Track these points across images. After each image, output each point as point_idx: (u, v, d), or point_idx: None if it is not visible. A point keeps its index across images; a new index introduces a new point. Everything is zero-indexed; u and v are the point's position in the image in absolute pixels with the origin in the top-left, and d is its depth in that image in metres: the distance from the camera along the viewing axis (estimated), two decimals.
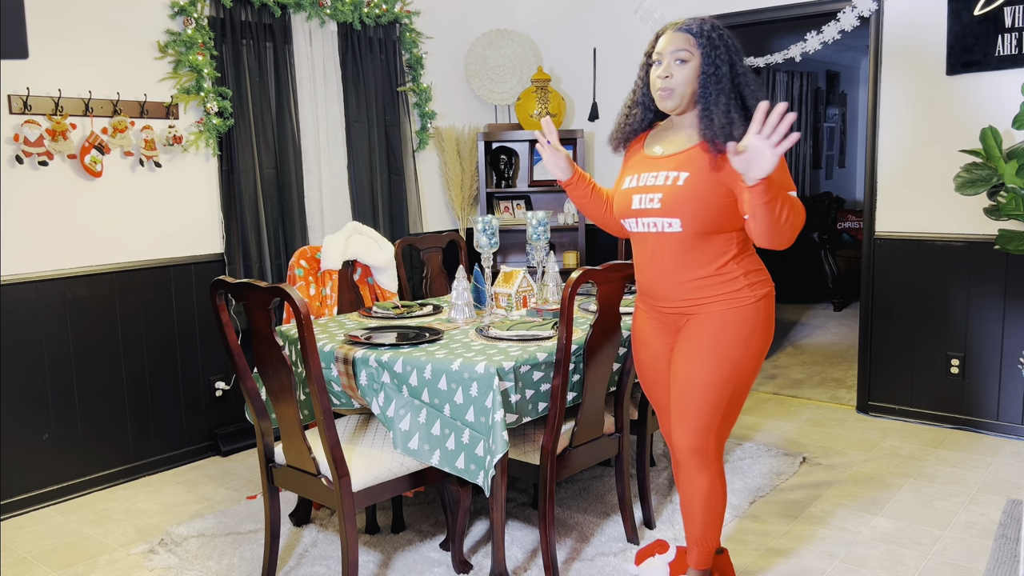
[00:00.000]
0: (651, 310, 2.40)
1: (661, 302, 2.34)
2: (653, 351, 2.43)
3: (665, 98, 2.23)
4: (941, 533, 3.04)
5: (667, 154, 2.28)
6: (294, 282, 3.46)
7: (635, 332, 2.51)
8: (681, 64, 2.19)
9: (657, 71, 2.23)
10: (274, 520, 2.73)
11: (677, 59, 2.19)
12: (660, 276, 2.29)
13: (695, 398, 2.27)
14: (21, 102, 3.32)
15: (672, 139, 2.31)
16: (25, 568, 2.96)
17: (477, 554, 2.93)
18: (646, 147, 2.37)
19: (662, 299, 2.33)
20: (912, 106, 4.17)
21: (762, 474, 3.60)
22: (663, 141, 2.33)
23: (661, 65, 2.22)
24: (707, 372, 2.25)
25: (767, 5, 4.55)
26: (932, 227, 4.18)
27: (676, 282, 2.27)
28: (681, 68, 2.19)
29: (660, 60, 2.23)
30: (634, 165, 2.36)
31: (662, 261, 2.27)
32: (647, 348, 2.45)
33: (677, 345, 2.34)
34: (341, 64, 4.43)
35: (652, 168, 2.28)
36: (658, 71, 2.23)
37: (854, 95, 10.21)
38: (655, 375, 2.45)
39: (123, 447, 3.75)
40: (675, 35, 2.21)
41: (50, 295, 3.48)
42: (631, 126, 2.39)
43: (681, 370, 2.30)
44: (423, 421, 2.57)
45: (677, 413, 2.32)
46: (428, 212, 5.08)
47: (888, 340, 4.37)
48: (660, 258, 2.27)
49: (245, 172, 4.02)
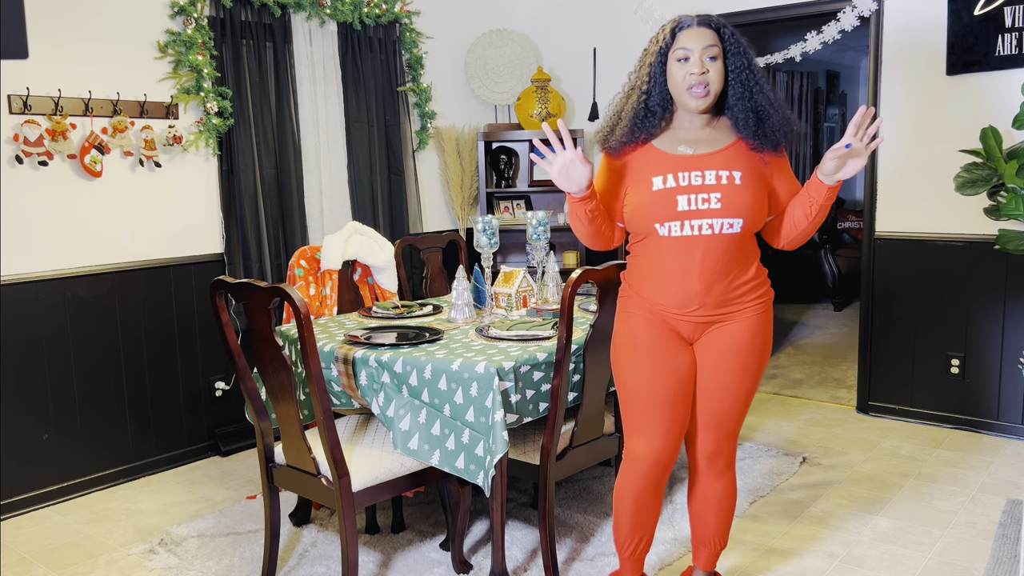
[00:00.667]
0: (669, 320, 2.22)
1: (696, 310, 2.18)
2: (668, 366, 2.23)
3: (701, 96, 2.10)
4: (941, 533, 3.04)
5: (703, 152, 2.16)
6: (294, 282, 3.46)
7: (640, 344, 2.24)
8: (713, 60, 2.09)
9: (687, 67, 2.09)
10: (274, 520, 2.72)
11: (709, 55, 2.08)
12: (707, 281, 2.15)
13: (729, 405, 2.25)
14: (21, 102, 3.32)
15: (698, 137, 2.18)
16: (25, 568, 2.96)
17: (477, 554, 2.93)
18: (662, 147, 2.19)
19: (699, 306, 2.18)
20: (912, 106, 4.17)
21: (762, 474, 3.59)
22: (686, 140, 2.18)
23: (689, 61, 2.09)
24: (747, 379, 2.23)
25: (767, 5, 4.55)
26: (932, 227, 4.17)
27: (723, 287, 2.17)
28: (714, 64, 2.09)
29: (688, 56, 2.09)
30: (656, 166, 2.16)
31: (712, 265, 2.14)
32: (661, 363, 2.22)
33: (711, 353, 2.23)
34: (341, 64, 4.43)
35: (691, 167, 2.13)
36: (688, 67, 2.09)
37: (854, 95, 10.21)
38: (677, 388, 2.24)
39: (123, 447, 3.75)
40: (701, 31, 2.09)
41: (50, 295, 3.48)
42: (647, 128, 2.18)
43: (719, 379, 2.23)
44: (423, 421, 2.57)
45: (707, 421, 2.27)
46: (428, 212, 5.08)
47: (888, 340, 4.36)
48: (711, 262, 2.13)
49: (245, 172, 4.02)
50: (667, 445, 2.26)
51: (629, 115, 2.19)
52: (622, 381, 2.29)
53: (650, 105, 2.17)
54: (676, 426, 2.26)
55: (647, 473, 2.29)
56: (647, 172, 2.17)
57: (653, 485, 2.31)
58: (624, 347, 2.28)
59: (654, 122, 2.18)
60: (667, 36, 2.13)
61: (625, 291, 2.31)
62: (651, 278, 2.21)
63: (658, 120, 2.18)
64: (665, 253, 2.17)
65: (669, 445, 2.26)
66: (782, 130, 2.12)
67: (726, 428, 2.29)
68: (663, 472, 2.30)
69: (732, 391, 2.24)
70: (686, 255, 2.14)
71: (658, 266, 2.19)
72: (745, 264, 2.19)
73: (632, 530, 2.37)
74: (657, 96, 2.16)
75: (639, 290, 2.25)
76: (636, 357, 2.25)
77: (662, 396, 2.23)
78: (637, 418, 2.27)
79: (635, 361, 2.25)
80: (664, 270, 2.18)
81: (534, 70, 5.24)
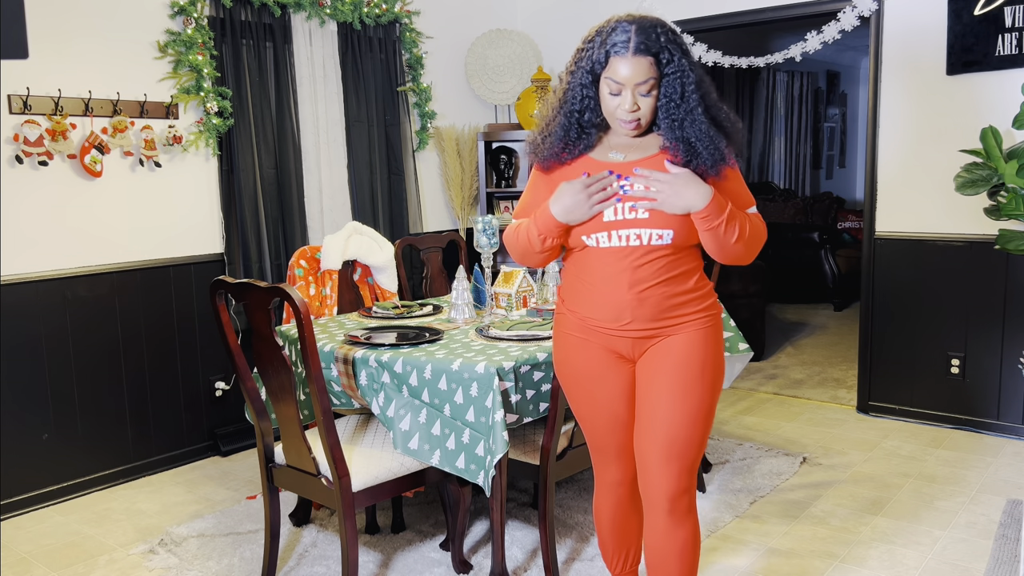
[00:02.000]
0: (605, 338, 2.06)
1: (629, 323, 2.01)
2: (612, 389, 2.09)
3: (633, 130, 1.97)
4: (941, 533, 3.04)
5: (632, 160, 2.00)
6: (294, 282, 3.46)
7: (579, 367, 2.11)
8: (646, 96, 1.93)
9: (617, 102, 1.94)
10: (274, 520, 2.72)
11: (642, 92, 1.92)
12: (638, 293, 1.99)
13: (683, 434, 2.02)
14: (21, 102, 3.32)
15: (627, 144, 2.04)
16: (25, 568, 2.96)
17: (477, 554, 2.93)
18: (595, 155, 2.05)
19: (632, 320, 2.01)
20: (912, 106, 4.17)
21: (762, 474, 3.59)
22: (617, 145, 2.04)
23: (621, 96, 1.93)
24: (692, 399, 2.02)
25: (767, 5, 4.54)
26: (932, 227, 4.17)
27: (657, 299, 1.99)
28: (647, 99, 1.93)
29: (619, 91, 1.93)
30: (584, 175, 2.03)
31: (644, 278, 1.98)
32: (604, 385, 2.09)
33: (649, 371, 2.05)
34: (341, 64, 4.43)
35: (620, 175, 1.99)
36: (619, 102, 1.94)
37: (854, 95, 10.21)
38: (614, 416, 2.10)
39: (123, 447, 3.75)
40: (636, 61, 1.90)
41: (50, 295, 3.48)
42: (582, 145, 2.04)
43: (663, 400, 2.02)
44: (423, 421, 2.56)
45: (661, 456, 2.03)
46: (428, 212, 5.08)
47: (888, 340, 4.36)
48: (642, 275, 1.98)
49: (245, 172, 4.02)
50: (627, 465, 2.17)
51: (560, 133, 2.04)
52: (570, 404, 2.20)
53: (583, 124, 2.02)
54: (626, 450, 2.15)
55: (615, 490, 2.22)
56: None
57: (627, 500, 2.23)
58: (563, 371, 2.17)
59: (588, 142, 2.04)
60: (599, 55, 1.94)
61: (559, 308, 2.16)
62: (583, 292, 2.07)
63: (592, 140, 2.04)
64: (595, 265, 2.03)
65: (626, 466, 2.18)
66: (714, 165, 1.94)
67: (686, 460, 2.03)
68: (633, 487, 2.21)
69: (680, 413, 2.01)
70: (615, 267, 2.00)
71: (589, 279, 2.05)
72: (683, 276, 2.02)
73: (617, 547, 2.31)
74: (590, 115, 2.01)
75: (572, 306, 2.11)
76: (576, 381, 2.13)
77: (607, 420, 2.12)
78: (591, 441, 2.19)
79: (575, 385, 2.14)
80: (595, 283, 2.04)
81: (534, 70, 5.24)
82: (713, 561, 2.86)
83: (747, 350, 3.42)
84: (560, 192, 2.00)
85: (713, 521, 3.15)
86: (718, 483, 3.50)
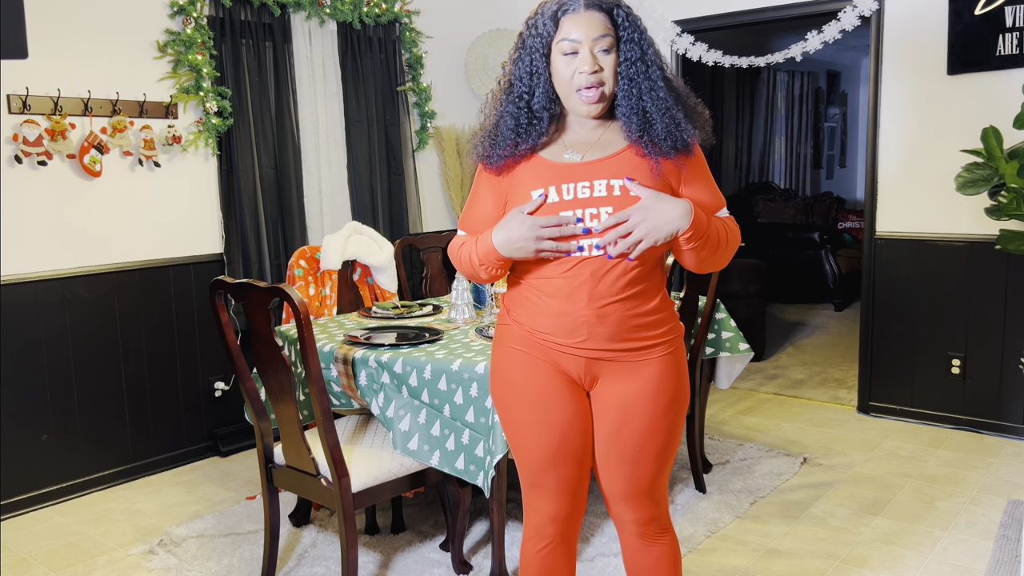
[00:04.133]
0: (554, 354, 1.83)
1: (584, 341, 1.80)
2: (564, 415, 1.84)
3: (594, 101, 1.75)
4: (942, 534, 3.03)
5: (592, 159, 1.78)
6: (293, 282, 3.45)
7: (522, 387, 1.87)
8: (606, 53, 1.73)
9: (574, 64, 1.73)
10: (273, 521, 2.72)
11: (601, 47, 1.73)
12: (598, 308, 1.77)
13: (650, 471, 1.86)
14: (20, 102, 3.31)
15: (587, 140, 1.82)
16: (24, 568, 2.96)
17: (477, 554, 2.93)
18: (548, 155, 1.82)
19: (587, 337, 1.79)
20: (913, 106, 4.16)
21: (762, 474, 3.59)
22: (573, 144, 1.82)
23: (578, 56, 1.72)
24: (660, 435, 1.84)
25: (767, 5, 4.54)
26: (933, 227, 4.17)
27: (618, 316, 1.78)
28: (608, 58, 1.73)
29: (576, 50, 1.72)
30: (537, 178, 1.79)
31: (606, 290, 1.77)
32: (554, 411, 1.84)
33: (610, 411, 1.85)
34: (341, 64, 4.42)
35: (578, 178, 1.76)
36: (576, 64, 1.72)
37: (855, 95, 10.21)
38: (564, 446, 1.85)
39: (122, 447, 3.74)
40: (590, 16, 1.72)
41: (49, 295, 3.48)
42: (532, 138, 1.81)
43: (631, 444, 1.84)
44: (423, 421, 2.56)
45: (632, 485, 1.87)
46: (428, 212, 5.07)
47: (889, 340, 4.36)
48: (603, 288, 1.77)
49: (244, 172, 4.01)
50: (564, 501, 1.90)
51: (510, 123, 1.80)
52: (505, 429, 1.93)
53: (534, 109, 1.79)
54: (568, 484, 1.89)
55: (546, 530, 1.92)
56: (527, 185, 1.80)
57: (557, 544, 1.93)
58: (501, 390, 1.91)
59: (540, 129, 1.81)
60: (547, 23, 1.75)
61: (503, 318, 1.93)
62: (534, 301, 1.84)
63: (545, 127, 1.81)
64: (550, 274, 1.81)
65: (565, 502, 1.90)
66: (669, 138, 1.74)
67: (659, 488, 1.89)
68: (566, 526, 1.93)
69: (650, 452, 1.85)
70: (573, 277, 1.78)
71: (542, 289, 1.82)
72: (647, 292, 1.82)
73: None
74: (541, 97, 1.79)
75: (519, 316, 1.87)
76: (514, 403, 1.88)
77: (552, 450, 1.85)
78: (526, 474, 1.91)
79: (513, 407, 1.89)
80: (550, 293, 1.81)
81: None
82: (713, 561, 2.86)
83: (747, 350, 3.41)
84: (507, 221, 1.77)
85: (713, 521, 3.15)
86: (718, 483, 3.50)
